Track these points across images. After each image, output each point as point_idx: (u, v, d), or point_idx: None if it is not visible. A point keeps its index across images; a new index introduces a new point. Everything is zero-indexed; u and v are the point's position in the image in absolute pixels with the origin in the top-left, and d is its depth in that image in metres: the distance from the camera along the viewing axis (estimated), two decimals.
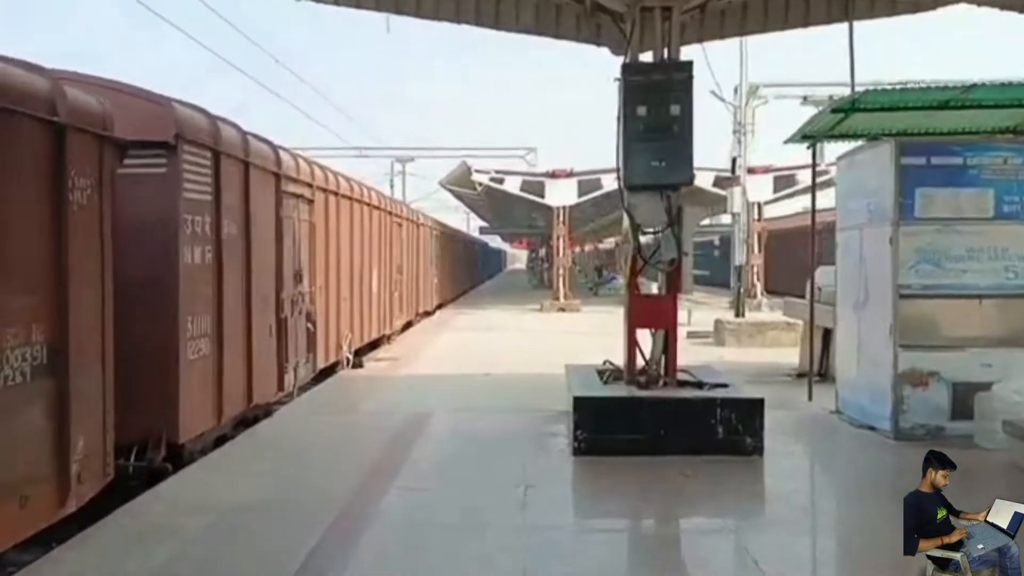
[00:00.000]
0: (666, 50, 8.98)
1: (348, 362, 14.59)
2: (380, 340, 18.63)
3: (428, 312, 27.20)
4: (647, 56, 9.20)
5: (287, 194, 11.42)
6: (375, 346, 18.05)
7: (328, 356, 13.77)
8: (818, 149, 11.54)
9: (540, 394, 10.82)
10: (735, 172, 26.82)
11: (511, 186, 31.54)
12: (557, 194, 30.69)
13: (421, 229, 26.21)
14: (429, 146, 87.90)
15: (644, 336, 9.03)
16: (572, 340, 18.20)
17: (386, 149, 51.58)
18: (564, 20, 11.06)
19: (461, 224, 59.03)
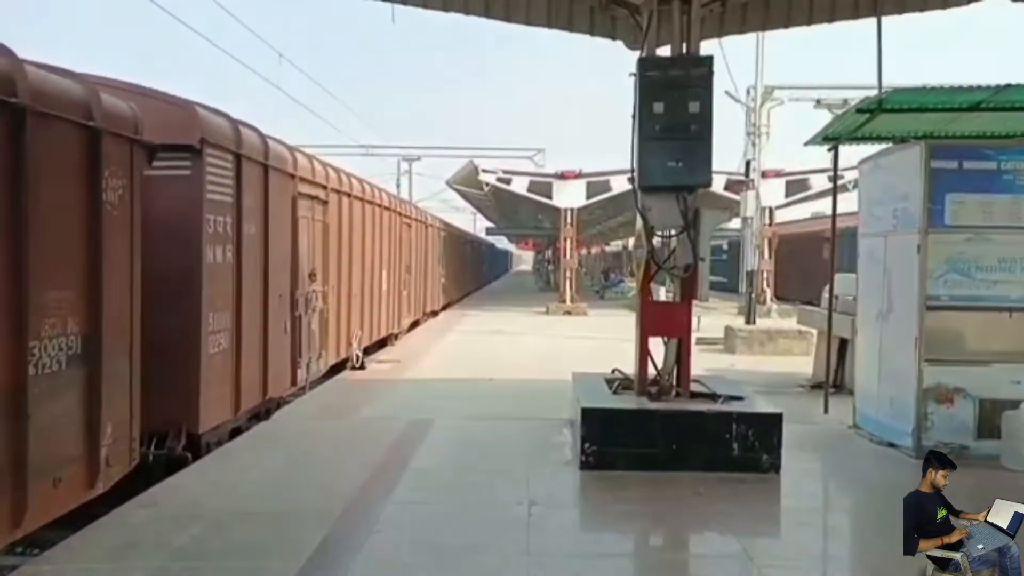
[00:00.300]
0: (684, 44, 8.59)
1: (357, 359, 14.73)
2: (387, 339, 18.78)
3: (435, 312, 27.01)
4: (664, 51, 8.80)
5: (303, 195, 11.71)
6: (383, 344, 18.21)
7: (339, 352, 14.06)
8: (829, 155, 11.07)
9: (544, 401, 10.60)
10: (749, 175, 26.35)
11: (518, 187, 31.28)
12: (565, 196, 30.47)
13: (429, 230, 26.21)
14: (436, 145, 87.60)
15: (655, 344, 8.63)
16: (578, 345, 18.04)
17: (393, 148, 51.28)
18: (577, 12, 10.69)
19: (467, 224, 58.69)
